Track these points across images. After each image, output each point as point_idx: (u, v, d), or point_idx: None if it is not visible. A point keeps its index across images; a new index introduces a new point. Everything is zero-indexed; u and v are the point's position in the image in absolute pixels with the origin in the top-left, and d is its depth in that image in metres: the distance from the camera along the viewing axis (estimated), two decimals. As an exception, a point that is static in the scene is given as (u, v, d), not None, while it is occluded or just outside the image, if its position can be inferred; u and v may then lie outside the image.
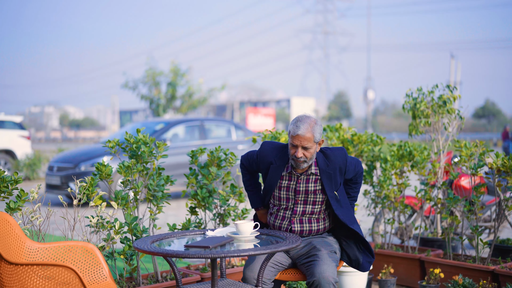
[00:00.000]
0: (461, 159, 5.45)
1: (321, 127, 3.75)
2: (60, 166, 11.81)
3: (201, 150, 5.12)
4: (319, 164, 3.81)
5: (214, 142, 13.11)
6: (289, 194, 3.86)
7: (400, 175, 5.95)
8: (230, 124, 13.92)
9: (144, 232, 4.55)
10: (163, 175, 4.80)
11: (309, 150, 3.71)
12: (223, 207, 5.05)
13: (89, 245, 3.42)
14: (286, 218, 3.90)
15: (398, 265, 5.68)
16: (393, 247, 6.01)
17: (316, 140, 3.71)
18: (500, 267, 5.00)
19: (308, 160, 3.74)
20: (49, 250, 3.40)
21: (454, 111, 6.13)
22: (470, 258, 5.44)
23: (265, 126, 37.13)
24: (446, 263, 5.29)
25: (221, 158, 5.03)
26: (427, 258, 5.47)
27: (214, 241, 3.41)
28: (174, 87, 19.08)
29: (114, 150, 4.75)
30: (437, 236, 6.29)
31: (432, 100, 6.14)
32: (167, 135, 12.39)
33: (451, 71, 50.20)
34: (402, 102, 6.35)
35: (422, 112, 6.16)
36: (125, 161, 4.62)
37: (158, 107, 19.56)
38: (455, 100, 6.18)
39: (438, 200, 5.65)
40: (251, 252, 3.17)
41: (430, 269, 5.24)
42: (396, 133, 54.18)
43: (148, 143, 4.72)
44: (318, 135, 3.72)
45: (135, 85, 19.47)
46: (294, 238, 3.50)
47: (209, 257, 3.10)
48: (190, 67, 19.87)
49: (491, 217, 7.03)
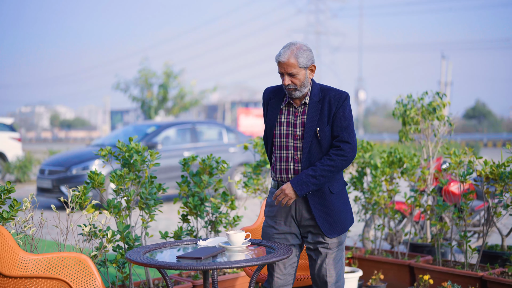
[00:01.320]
0: (450, 166, 5.51)
1: (308, 52, 3.54)
2: (51, 169, 11.81)
3: (192, 158, 5.16)
4: (312, 95, 3.61)
5: (205, 145, 13.14)
6: (289, 129, 3.63)
7: (390, 181, 6.01)
8: (222, 127, 13.96)
9: (136, 241, 4.58)
10: (155, 183, 4.84)
11: (296, 76, 3.53)
12: (215, 214, 5.09)
13: (82, 256, 3.46)
14: (288, 170, 3.64)
15: (388, 271, 5.73)
16: (383, 253, 6.07)
17: (301, 65, 3.52)
18: (489, 273, 5.06)
19: (299, 87, 3.56)
20: (42, 261, 3.43)
21: (443, 118, 6.20)
22: (459, 264, 5.51)
23: (257, 127, 37.18)
24: (435, 269, 5.35)
25: (212, 166, 5.07)
26: (416, 264, 5.53)
27: (206, 252, 3.45)
28: (166, 89, 19.10)
29: (107, 158, 4.78)
30: (427, 241, 6.35)
31: (422, 107, 6.21)
32: (158, 138, 12.41)
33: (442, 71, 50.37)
34: (394, 102, 6.41)
35: (412, 119, 6.23)
36: (118, 170, 4.65)
37: (149, 109, 19.58)
38: (445, 107, 6.25)
39: (428, 207, 5.71)
40: (242, 264, 3.22)
41: (419, 275, 5.30)
42: (388, 133, 54.34)
43: (141, 152, 4.75)
44: (303, 60, 3.52)
45: (126, 86, 19.48)
46: (285, 248, 3.54)
47: (201, 269, 3.14)
48: (183, 69, 19.91)
49: (480, 221, 7.10)
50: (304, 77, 3.56)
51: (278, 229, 3.73)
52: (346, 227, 3.67)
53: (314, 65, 3.60)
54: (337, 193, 3.64)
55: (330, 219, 3.60)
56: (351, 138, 3.55)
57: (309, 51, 3.57)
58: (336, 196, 3.63)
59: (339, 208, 3.64)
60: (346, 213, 3.68)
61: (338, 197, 3.64)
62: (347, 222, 3.69)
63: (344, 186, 3.71)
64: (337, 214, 3.62)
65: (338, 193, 3.65)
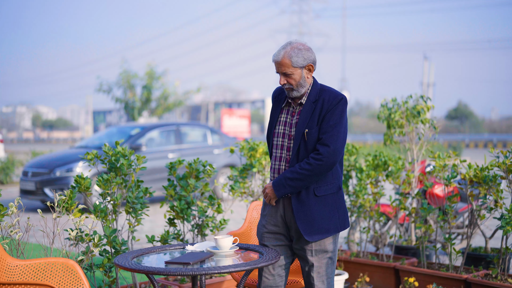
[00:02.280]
0: (434, 169, 5.56)
1: (305, 51, 3.50)
2: (34, 172, 11.73)
3: (179, 162, 5.16)
4: (310, 95, 3.57)
5: (190, 147, 13.13)
6: (286, 129, 3.62)
7: (375, 184, 6.05)
8: (206, 129, 13.95)
9: (123, 245, 4.57)
10: (141, 187, 4.83)
11: (291, 76, 3.51)
12: (202, 218, 5.10)
13: (70, 262, 3.45)
14: (280, 170, 3.64)
15: (374, 274, 5.77)
16: (368, 255, 6.11)
17: (296, 65, 3.49)
18: (473, 275, 5.11)
19: (295, 87, 3.54)
20: (29, 267, 3.42)
21: (428, 121, 6.26)
22: (443, 267, 5.56)
23: (240, 128, 37.15)
24: (420, 271, 5.39)
25: (199, 169, 5.08)
26: (401, 267, 5.57)
27: (194, 257, 3.45)
28: (150, 90, 19.04)
29: (93, 162, 4.77)
30: (412, 243, 6.40)
31: (407, 110, 6.26)
32: (142, 140, 12.37)
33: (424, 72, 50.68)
34: (377, 103, 6.48)
35: (397, 122, 6.27)
36: (104, 174, 4.64)
37: (133, 110, 19.51)
38: (429, 110, 6.31)
39: (413, 210, 5.76)
40: (231, 269, 3.23)
41: (404, 278, 5.35)
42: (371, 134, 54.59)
43: (127, 156, 4.75)
44: (298, 60, 3.49)
45: (109, 88, 19.39)
46: (273, 253, 3.56)
47: (190, 275, 3.15)
48: (166, 69, 19.85)
49: (463, 223, 7.17)
50: (300, 77, 3.53)
51: (267, 228, 3.72)
52: (328, 231, 3.55)
53: (312, 65, 3.54)
54: (323, 197, 3.54)
55: (310, 222, 3.52)
56: (332, 141, 3.45)
57: (306, 50, 3.52)
58: (321, 199, 3.54)
59: (322, 212, 3.53)
60: (331, 218, 3.56)
61: (324, 200, 3.55)
62: (331, 227, 3.56)
63: (335, 190, 3.59)
64: (318, 218, 3.52)
65: (324, 197, 3.55)
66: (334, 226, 3.58)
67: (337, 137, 3.47)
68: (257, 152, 5.61)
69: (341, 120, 3.51)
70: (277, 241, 3.70)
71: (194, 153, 12.98)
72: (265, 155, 5.66)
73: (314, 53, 3.58)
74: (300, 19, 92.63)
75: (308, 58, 3.52)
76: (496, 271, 5.04)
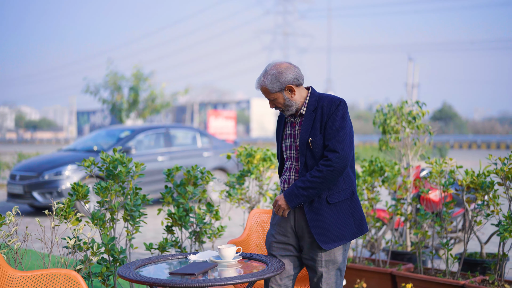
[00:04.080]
0: (431, 175, 5.57)
1: (280, 75, 3.49)
2: (23, 175, 11.61)
3: (176, 168, 5.13)
4: (309, 104, 3.57)
5: (179, 150, 13.07)
6: (292, 141, 3.64)
7: (371, 190, 6.05)
8: (195, 131, 13.91)
9: (121, 253, 4.53)
10: (139, 194, 4.79)
11: (275, 101, 3.56)
12: (200, 225, 5.06)
13: (72, 273, 3.41)
14: (289, 180, 3.65)
15: (370, 279, 5.77)
16: (364, 261, 6.11)
17: (274, 91, 3.52)
18: (470, 281, 5.13)
19: (284, 108, 3.57)
20: (31, 279, 3.38)
21: (423, 127, 6.27)
22: (440, 272, 5.57)
23: (226, 129, 37.11)
24: (417, 277, 5.40)
25: (197, 176, 5.05)
26: (398, 273, 5.58)
27: (198, 268, 3.43)
28: (137, 91, 18.94)
29: (90, 169, 4.73)
30: (406, 249, 6.41)
31: (402, 116, 6.27)
32: (132, 143, 12.30)
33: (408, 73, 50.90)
34: (362, 104, 6.51)
35: (392, 128, 6.28)
36: (102, 182, 4.60)
37: (120, 111, 19.39)
38: (424, 116, 6.32)
39: (409, 216, 5.77)
40: (237, 280, 3.21)
41: (402, 284, 5.35)
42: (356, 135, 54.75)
43: (125, 163, 4.71)
44: (274, 86, 3.50)
45: (96, 89, 19.26)
46: (278, 263, 3.54)
47: (196, 287, 3.12)
48: (153, 71, 19.76)
49: (456, 227, 7.19)
50: (283, 99, 3.56)
51: (276, 238, 3.70)
52: (344, 238, 3.53)
53: (290, 85, 3.53)
54: (336, 204, 3.52)
55: (324, 230, 3.50)
56: (340, 146, 3.43)
57: (281, 73, 3.51)
58: (335, 206, 3.52)
59: (337, 219, 3.51)
60: (347, 225, 3.54)
61: (337, 208, 3.52)
62: (346, 234, 3.54)
63: (349, 196, 3.56)
64: (333, 225, 3.50)
65: (338, 204, 3.53)
66: (350, 233, 3.57)
67: (344, 140, 3.46)
68: (254, 158, 5.58)
69: (344, 123, 3.50)
70: (286, 251, 3.68)
71: (183, 156, 12.93)
72: (262, 161, 5.63)
73: (294, 69, 3.56)
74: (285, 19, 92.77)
75: (284, 81, 3.52)
76: (493, 277, 5.06)
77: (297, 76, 3.56)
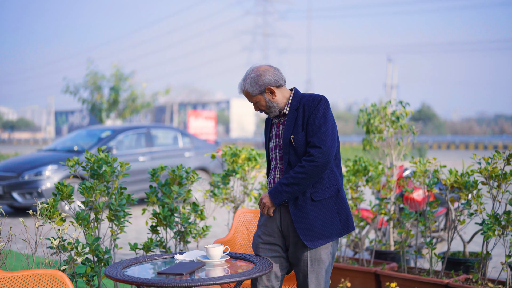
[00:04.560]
0: (415, 174, 5.60)
1: (259, 77, 3.55)
2: (2, 175, 11.47)
3: (161, 168, 5.10)
4: (292, 104, 3.60)
5: (160, 150, 13.02)
6: (276, 140, 3.66)
7: (355, 189, 6.07)
8: (177, 131, 13.85)
9: (106, 253, 4.49)
10: (124, 194, 4.76)
11: (258, 103, 3.61)
12: (185, 225, 5.03)
13: (58, 273, 3.37)
14: (275, 179, 3.67)
15: (354, 279, 5.79)
16: (348, 260, 6.12)
17: (255, 94, 3.58)
18: (454, 280, 5.16)
19: (267, 109, 3.61)
20: (17, 279, 3.33)
21: (406, 126, 6.31)
22: (424, 271, 5.60)
23: (207, 129, 37.00)
24: (402, 276, 5.42)
25: (182, 176, 5.02)
26: (382, 272, 5.60)
27: (186, 267, 3.40)
28: (117, 91, 18.80)
29: (75, 169, 4.68)
30: (390, 248, 6.44)
31: (385, 115, 6.29)
32: (113, 143, 12.21)
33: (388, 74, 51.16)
34: (341, 104, 6.53)
35: (376, 128, 6.31)
36: (87, 182, 4.55)
37: (100, 112, 19.25)
38: (407, 115, 6.36)
39: (394, 215, 5.79)
40: (226, 280, 3.19)
41: (386, 283, 5.37)
42: (335, 135, 54.84)
43: (110, 163, 4.67)
44: (254, 89, 3.56)
45: (76, 89, 19.10)
46: (265, 263, 3.53)
47: (184, 286, 3.11)
48: (133, 70, 19.63)
49: (438, 227, 7.25)
50: (265, 101, 3.61)
51: (263, 239, 3.69)
52: (329, 236, 3.51)
53: (270, 87, 3.56)
54: (320, 201, 3.50)
55: (309, 228, 3.48)
56: (322, 142, 3.43)
57: (260, 75, 3.56)
58: (320, 204, 3.50)
59: (322, 217, 3.49)
60: (332, 223, 3.52)
61: (322, 205, 3.50)
62: (332, 232, 3.52)
63: (334, 193, 3.54)
64: (318, 223, 3.48)
65: (322, 201, 3.51)
66: (335, 231, 3.54)
67: (326, 136, 3.45)
68: (239, 158, 5.57)
69: (325, 119, 3.49)
70: (272, 252, 3.66)
71: (165, 156, 12.88)
72: (247, 161, 5.62)
73: (273, 71, 3.60)
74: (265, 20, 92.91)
75: (263, 83, 3.56)
76: (477, 275, 5.09)
77: (276, 77, 3.60)
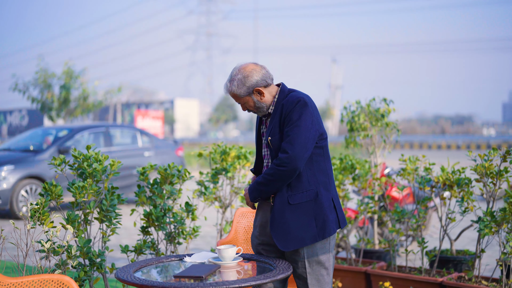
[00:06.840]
0: (405, 172, 5.56)
1: (246, 78, 3.40)
2: (-46, 176, 10.95)
3: (151, 167, 4.89)
4: (277, 103, 3.47)
5: (120, 149, 12.70)
6: (264, 139, 3.57)
7: (341, 188, 5.99)
8: (135, 131, 13.53)
9: (100, 256, 4.26)
10: (115, 193, 4.52)
11: (246, 104, 3.49)
12: (177, 226, 4.83)
13: (65, 278, 3.15)
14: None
15: (344, 278, 5.70)
16: (338, 260, 6.03)
17: (242, 95, 3.44)
18: (448, 278, 5.14)
19: (256, 109, 3.50)
20: (21, 285, 3.10)
21: (391, 124, 6.27)
22: (414, 270, 5.56)
23: (154, 129, 36.57)
24: (393, 275, 5.37)
25: (174, 175, 4.81)
26: (373, 271, 5.53)
27: (203, 270, 3.23)
28: (68, 90, 18.25)
29: (61, 168, 4.43)
30: (374, 247, 6.39)
31: (370, 113, 6.24)
32: (70, 142, 11.82)
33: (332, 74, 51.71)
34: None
35: (361, 125, 6.25)
36: (79, 181, 4.31)
37: (50, 110, 18.64)
38: (390, 113, 6.33)
39: (383, 213, 5.74)
40: (251, 282, 3.04)
41: (379, 283, 5.30)
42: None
43: (101, 161, 4.43)
44: (241, 91, 3.42)
45: (25, 87, 18.46)
46: (284, 264, 3.39)
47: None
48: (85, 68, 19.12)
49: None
50: (253, 102, 3.48)
51: (260, 239, 3.60)
52: (303, 241, 3.36)
53: (258, 88, 3.43)
54: (297, 205, 3.37)
55: (283, 231, 3.37)
56: (290, 147, 3.29)
57: (247, 76, 3.41)
58: (296, 208, 3.37)
59: (298, 221, 3.36)
60: (307, 228, 3.36)
61: (299, 209, 3.37)
62: (306, 237, 3.36)
63: (312, 197, 3.38)
64: (293, 227, 3.36)
65: (299, 205, 3.37)
66: (310, 235, 3.38)
67: (295, 141, 3.30)
68: (229, 156, 5.39)
69: (299, 123, 3.33)
70: (270, 253, 3.56)
71: (124, 155, 12.55)
72: (237, 159, 5.45)
73: (260, 70, 3.45)
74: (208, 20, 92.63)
75: (250, 85, 3.43)
76: (471, 273, 5.08)
77: (264, 77, 3.46)
